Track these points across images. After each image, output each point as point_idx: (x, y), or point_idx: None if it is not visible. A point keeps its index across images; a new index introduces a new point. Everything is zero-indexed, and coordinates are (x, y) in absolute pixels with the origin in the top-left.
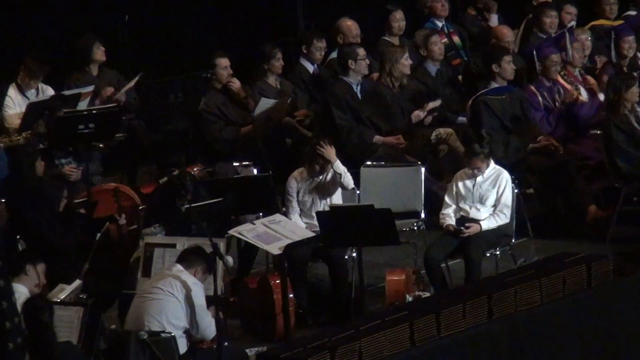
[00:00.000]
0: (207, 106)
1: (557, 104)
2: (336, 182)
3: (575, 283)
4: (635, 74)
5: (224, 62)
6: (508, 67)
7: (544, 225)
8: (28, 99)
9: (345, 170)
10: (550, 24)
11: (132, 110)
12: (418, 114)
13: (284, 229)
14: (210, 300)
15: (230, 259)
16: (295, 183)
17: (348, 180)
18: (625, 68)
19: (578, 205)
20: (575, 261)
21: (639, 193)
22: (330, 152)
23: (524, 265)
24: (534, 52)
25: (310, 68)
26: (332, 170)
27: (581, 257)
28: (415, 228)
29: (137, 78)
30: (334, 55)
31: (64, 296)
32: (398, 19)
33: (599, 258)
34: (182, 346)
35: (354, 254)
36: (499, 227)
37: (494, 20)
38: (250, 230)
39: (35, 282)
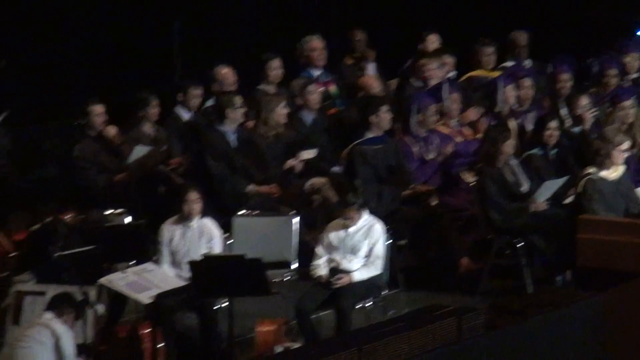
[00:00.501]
0: (81, 153)
1: (431, 155)
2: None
3: (446, 336)
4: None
5: (98, 109)
6: (385, 116)
7: (416, 277)
8: None
9: None
10: (429, 74)
11: (3, 154)
12: (292, 164)
13: (155, 278)
14: (80, 349)
15: (100, 307)
16: (167, 232)
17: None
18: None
19: (450, 257)
20: (446, 314)
21: (511, 246)
22: None
23: (395, 317)
24: (413, 102)
25: (186, 116)
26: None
27: (452, 310)
28: (287, 278)
29: (2, 116)
30: (209, 103)
31: None
32: (275, 68)
33: (470, 311)
34: None
35: (225, 304)
36: (371, 278)
37: (370, 69)
38: (121, 279)
39: None
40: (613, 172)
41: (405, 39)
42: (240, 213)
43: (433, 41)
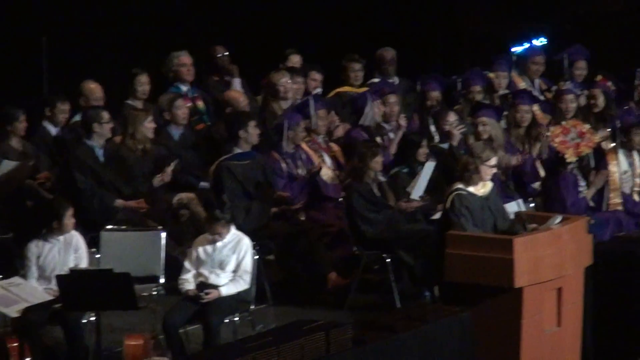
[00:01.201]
0: None
1: (300, 171)
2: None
3: (314, 350)
4: (379, 139)
5: None
6: (254, 132)
7: (284, 292)
8: None
9: None
10: (296, 90)
11: None
12: (161, 180)
13: (23, 292)
14: None
15: None
16: (35, 248)
17: None
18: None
19: (318, 272)
20: (314, 328)
21: (379, 261)
22: None
23: (263, 331)
24: (284, 119)
25: (53, 131)
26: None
27: (320, 325)
28: (155, 293)
29: None
30: (77, 118)
31: None
32: (142, 83)
33: (338, 325)
34: None
35: (93, 318)
36: (239, 293)
37: (236, 85)
38: None
39: None
40: (481, 188)
41: (272, 55)
42: (108, 227)
43: (295, 62)
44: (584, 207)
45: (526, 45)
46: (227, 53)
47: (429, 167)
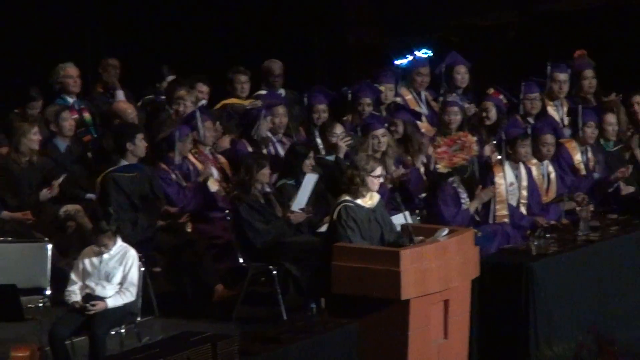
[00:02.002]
0: None
1: (189, 181)
2: None
3: None
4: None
5: None
6: (141, 144)
7: (170, 304)
8: None
9: None
10: (185, 103)
11: None
12: (48, 193)
13: None
14: None
15: None
16: None
17: None
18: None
19: (205, 284)
20: (200, 340)
21: (266, 273)
22: None
23: (149, 343)
24: (175, 131)
25: None
26: None
27: (207, 337)
28: (41, 304)
29: None
30: None
31: None
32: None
33: (224, 337)
34: None
35: None
36: (125, 305)
37: (119, 96)
38: None
39: None
40: (369, 200)
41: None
42: None
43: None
44: (467, 220)
45: (410, 57)
46: (113, 65)
47: (310, 179)
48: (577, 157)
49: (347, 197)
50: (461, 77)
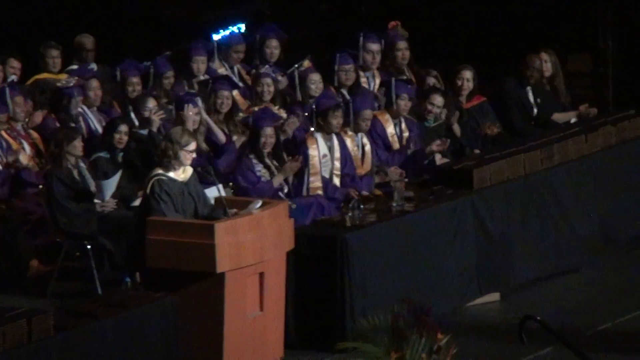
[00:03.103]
0: None
1: (1, 159)
2: None
3: (15, 338)
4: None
5: None
6: None
7: None
8: None
9: None
10: None
11: None
12: None
13: None
14: None
15: None
16: None
17: None
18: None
19: (19, 259)
20: (15, 316)
21: (80, 248)
22: None
23: None
24: None
25: None
26: None
27: (21, 312)
28: None
29: None
30: None
31: None
32: None
33: (40, 313)
34: None
35: None
36: None
37: None
38: None
39: None
40: (181, 174)
41: None
42: None
43: None
44: (269, 193)
45: (226, 32)
46: None
47: (116, 176)
48: (390, 130)
49: (160, 171)
50: (270, 51)
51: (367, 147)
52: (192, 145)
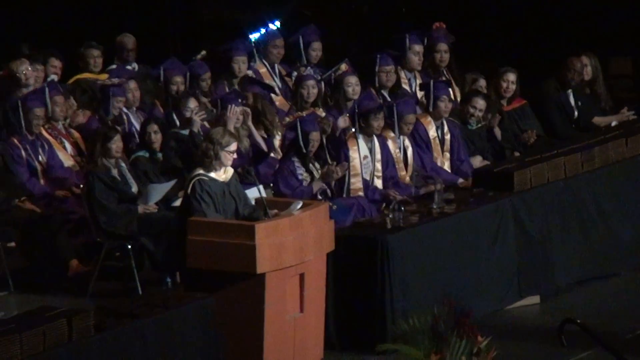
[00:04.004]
0: None
1: (40, 158)
2: None
3: (56, 337)
4: (118, 127)
5: None
6: None
7: (26, 279)
8: None
9: None
10: (36, 77)
11: None
12: None
13: None
14: None
15: None
16: None
17: None
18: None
19: (60, 259)
20: (55, 315)
21: (120, 248)
22: None
23: (5, 318)
24: (19, 103)
25: None
26: None
27: (62, 312)
28: None
29: None
30: None
31: None
32: None
33: (80, 312)
34: None
35: None
36: None
37: None
38: None
39: None
40: (222, 174)
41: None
42: None
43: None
44: (307, 197)
45: (262, 30)
46: None
47: (169, 184)
48: (432, 132)
49: (201, 171)
50: (315, 53)
51: (409, 150)
52: (233, 146)
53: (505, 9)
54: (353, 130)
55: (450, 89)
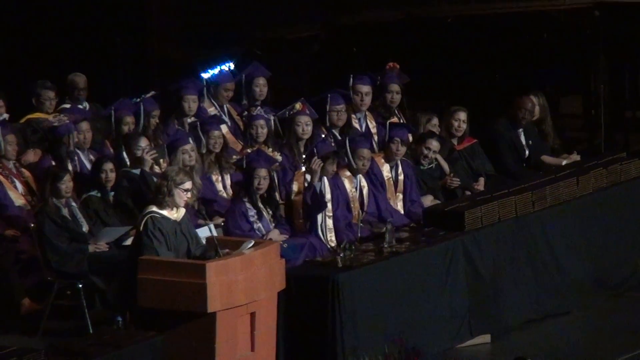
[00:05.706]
0: None
1: None
2: None
3: None
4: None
5: None
6: None
7: None
8: None
9: None
10: None
11: None
12: None
13: None
14: None
15: None
16: None
17: None
18: None
19: (11, 298)
20: (6, 355)
21: (71, 287)
22: None
23: None
24: None
25: None
26: None
27: (12, 351)
28: None
29: None
30: None
31: None
32: None
33: (31, 352)
34: None
35: None
36: None
37: None
38: None
39: None
40: (175, 213)
41: None
42: None
43: None
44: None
45: (215, 70)
46: None
47: (124, 229)
48: (386, 173)
49: (154, 208)
50: (259, 89)
51: (365, 190)
52: (187, 185)
53: (456, 49)
54: (303, 169)
55: (408, 133)
